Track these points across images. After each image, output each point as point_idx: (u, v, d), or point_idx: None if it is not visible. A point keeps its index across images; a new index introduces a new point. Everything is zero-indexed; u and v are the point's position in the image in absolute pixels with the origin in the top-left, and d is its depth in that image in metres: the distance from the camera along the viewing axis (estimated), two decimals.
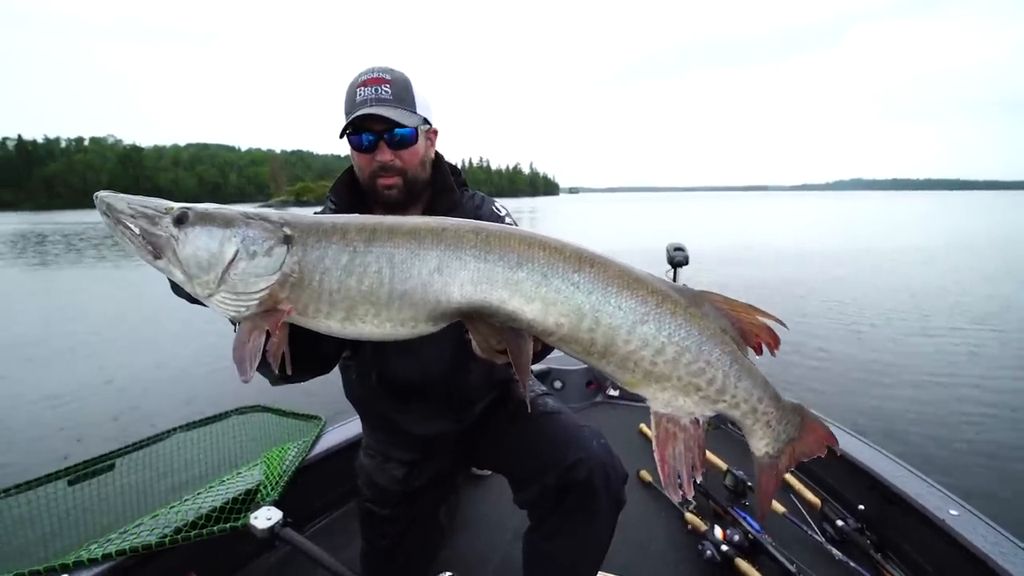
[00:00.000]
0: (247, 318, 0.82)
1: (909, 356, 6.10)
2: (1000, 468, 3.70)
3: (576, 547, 1.28)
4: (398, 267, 0.81)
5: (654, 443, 0.88)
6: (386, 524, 1.54)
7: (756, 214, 51.57)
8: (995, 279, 11.22)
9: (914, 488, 1.81)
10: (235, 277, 0.81)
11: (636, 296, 0.81)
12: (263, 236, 0.82)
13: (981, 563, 1.48)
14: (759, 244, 19.40)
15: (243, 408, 2.29)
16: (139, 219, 0.81)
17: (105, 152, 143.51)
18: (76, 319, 8.97)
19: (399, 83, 1.24)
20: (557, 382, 3.14)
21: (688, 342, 0.82)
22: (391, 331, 0.84)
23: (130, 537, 1.48)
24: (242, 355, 0.79)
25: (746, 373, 0.85)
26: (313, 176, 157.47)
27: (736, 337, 0.85)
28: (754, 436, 0.91)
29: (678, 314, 0.82)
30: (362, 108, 1.20)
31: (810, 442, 0.94)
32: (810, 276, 11.53)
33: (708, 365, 0.82)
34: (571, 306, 0.80)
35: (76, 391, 5.51)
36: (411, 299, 0.81)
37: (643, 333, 0.81)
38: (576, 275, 0.80)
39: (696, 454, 0.87)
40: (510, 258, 0.81)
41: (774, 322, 0.86)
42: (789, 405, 0.91)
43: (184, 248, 0.81)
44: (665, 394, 0.85)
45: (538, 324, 0.81)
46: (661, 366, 0.82)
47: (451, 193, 1.36)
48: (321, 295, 0.82)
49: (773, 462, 0.93)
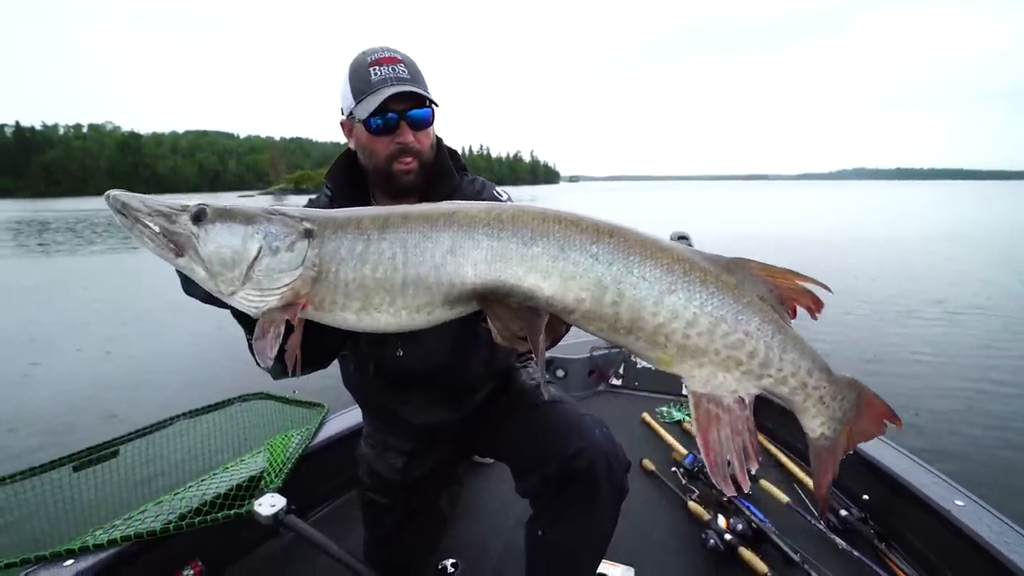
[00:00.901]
0: (265, 312, 0.82)
1: (913, 345, 6.09)
2: (1007, 458, 3.71)
3: (578, 536, 1.27)
4: (411, 251, 0.79)
5: (695, 428, 0.80)
6: (387, 513, 1.54)
7: (759, 203, 51.38)
8: (999, 269, 11.19)
9: (919, 478, 1.81)
10: (259, 273, 0.80)
11: (661, 265, 0.76)
12: (285, 231, 0.81)
13: (986, 553, 1.47)
14: (763, 233, 19.32)
15: (246, 395, 2.29)
16: (156, 217, 0.80)
17: (104, 139, 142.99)
18: (78, 307, 8.97)
19: (411, 64, 1.22)
20: (560, 371, 3.14)
21: (723, 312, 0.76)
22: (407, 320, 0.82)
23: (134, 523, 1.48)
24: (263, 346, 0.79)
25: (791, 344, 0.78)
26: (312, 164, 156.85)
27: (777, 306, 0.79)
28: (807, 415, 0.83)
29: (709, 282, 0.76)
30: (383, 87, 1.16)
31: (869, 421, 0.85)
32: (814, 265, 11.49)
33: (748, 336, 0.76)
34: (591, 279, 0.76)
35: (79, 379, 5.53)
36: (425, 283, 0.79)
37: (672, 304, 0.75)
38: (595, 246, 0.76)
39: (747, 438, 0.79)
40: (524, 234, 0.78)
41: (816, 286, 0.80)
42: (843, 380, 0.83)
43: (206, 245, 0.80)
44: (703, 371, 0.78)
45: (558, 301, 0.78)
46: (695, 339, 0.76)
47: (451, 178, 1.33)
48: (337, 286, 0.82)
49: (831, 444, 0.85)
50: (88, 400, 4.95)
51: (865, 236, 18.14)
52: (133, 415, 4.44)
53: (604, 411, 2.89)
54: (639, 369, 3.15)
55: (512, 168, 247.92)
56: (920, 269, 11.27)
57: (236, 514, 1.49)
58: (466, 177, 1.40)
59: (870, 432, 0.86)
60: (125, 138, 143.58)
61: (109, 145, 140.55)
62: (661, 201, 57.94)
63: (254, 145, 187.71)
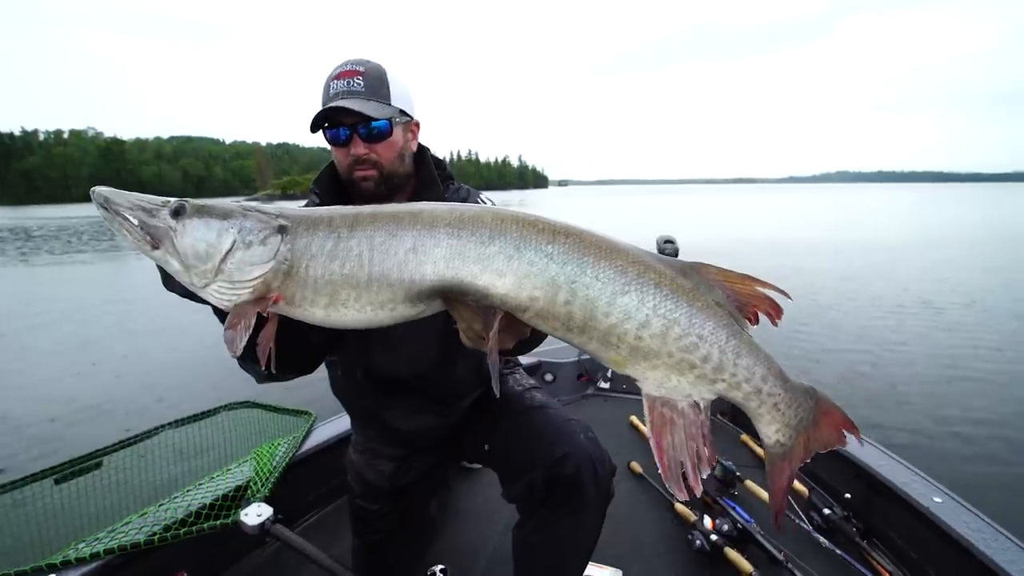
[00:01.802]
0: (237, 304, 0.83)
1: (893, 345, 6.19)
2: (985, 455, 3.78)
3: (565, 540, 1.28)
4: (377, 249, 0.81)
5: (648, 430, 0.80)
6: (376, 520, 1.54)
7: (745, 207, 51.95)
8: (979, 269, 11.42)
9: (899, 477, 1.84)
10: (231, 266, 0.82)
11: (615, 266, 0.77)
12: (259, 226, 0.84)
13: (963, 549, 1.51)
14: (748, 236, 19.55)
15: (232, 404, 2.27)
16: (136, 211, 0.83)
17: (85, 145, 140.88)
18: (61, 316, 8.82)
19: (372, 75, 1.23)
20: (548, 375, 3.15)
21: (676, 314, 0.76)
22: (372, 315, 0.84)
23: (118, 535, 1.46)
24: (232, 335, 0.80)
25: (746, 349, 0.78)
26: (300, 169, 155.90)
27: (734, 311, 0.79)
28: (762, 421, 0.83)
29: (663, 285, 0.77)
30: (334, 100, 1.19)
31: (827, 430, 0.85)
32: (796, 266, 11.65)
33: (701, 340, 0.77)
34: (545, 278, 0.77)
35: (61, 388, 5.43)
36: (388, 280, 0.81)
37: (624, 305, 0.76)
38: (550, 246, 0.77)
39: (700, 443, 0.79)
40: (482, 233, 0.79)
41: (775, 292, 0.80)
42: (799, 387, 0.83)
43: (182, 238, 0.82)
44: (656, 373, 0.79)
45: (511, 299, 0.78)
46: (648, 341, 0.77)
47: (435, 187, 1.34)
48: (307, 282, 0.83)
49: (786, 452, 0.85)
50: (69, 411, 4.86)
51: (848, 238, 18.42)
52: (116, 425, 4.38)
53: (592, 414, 2.91)
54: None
55: (501, 173, 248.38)
56: (902, 270, 11.47)
57: (222, 524, 1.49)
58: (452, 185, 1.41)
59: (828, 441, 0.85)
60: (107, 144, 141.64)
61: (91, 151, 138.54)
62: (649, 205, 58.36)
63: (240, 151, 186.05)
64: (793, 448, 0.84)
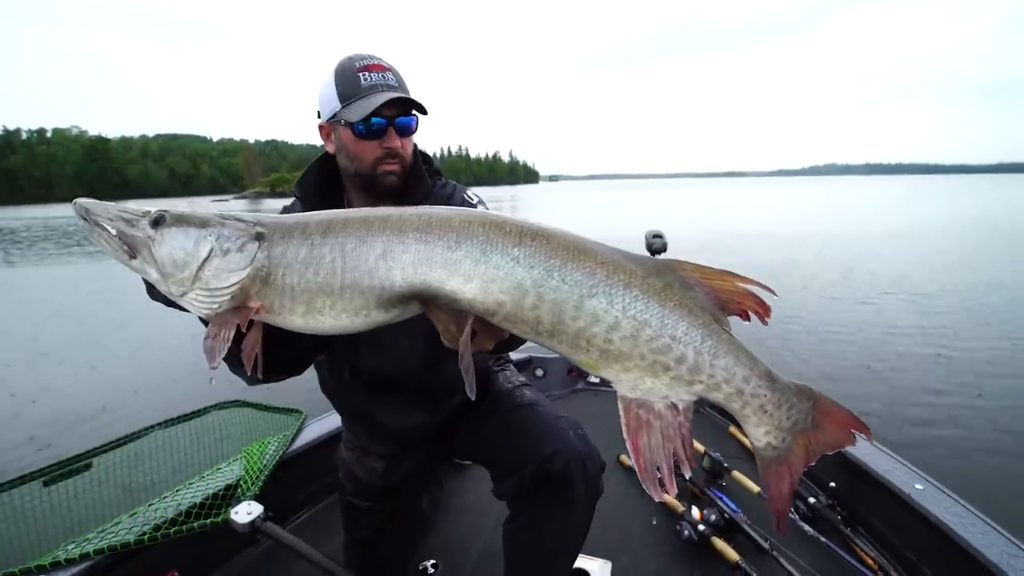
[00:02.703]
0: (218, 314, 0.84)
1: (879, 337, 6.28)
2: (965, 443, 3.86)
3: (554, 536, 1.30)
4: (348, 256, 0.81)
5: (624, 432, 0.78)
6: (367, 516, 1.55)
7: (735, 200, 52.24)
8: (964, 260, 11.59)
9: (882, 464, 1.88)
10: (208, 273, 0.82)
11: (583, 268, 0.75)
12: (236, 234, 0.84)
13: (943, 534, 1.55)
14: (738, 230, 19.66)
15: (223, 403, 2.27)
16: (116, 221, 0.83)
17: (69, 144, 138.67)
18: (48, 318, 8.72)
19: (397, 72, 1.25)
20: (539, 370, 3.17)
21: (647, 316, 0.74)
22: (347, 322, 0.84)
23: (108, 536, 1.46)
24: (211, 345, 0.80)
25: (725, 349, 0.75)
26: (289, 166, 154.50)
27: (713, 310, 0.77)
28: (748, 423, 0.79)
29: (633, 286, 0.75)
30: (375, 92, 1.18)
31: (831, 431, 0.80)
32: (785, 259, 11.75)
33: (674, 341, 0.74)
34: (512, 282, 0.75)
35: (49, 390, 5.38)
36: (360, 287, 0.81)
37: (592, 308, 0.74)
38: (516, 249, 0.76)
39: (678, 444, 0.77)
40: (449, 238, 0.78)
41: (759, 288, 0.77)
42: (790, 387, 0.79)
43: (160, 247, 0.82)
44: (630, 375, 0.77)
45: (479, 304, 0.77)
46: (618, 343, 0.75)
47: (423, 181, 1.35)
48: (284, 290, 0.84)
49: (780, 456, 0.80)
50: (58, 413, 4.82)
51: (838, 231, 18.58)
52: (106, 426, 4.35)
53: (583, 409, 2.93)
54: None
55: (491, 168, 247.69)
56: (888, 262, 11.60)
57: (212, 523, 1.49)
58: (438, 181, 1.42)
59: (834, 443, 0.81)
60: (92, 142, 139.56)
61: (75, 150, 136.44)
62: (639, 199, 58.49)
63: (228, 148, 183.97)
64: (790, 451, 0.80)
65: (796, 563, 1.64)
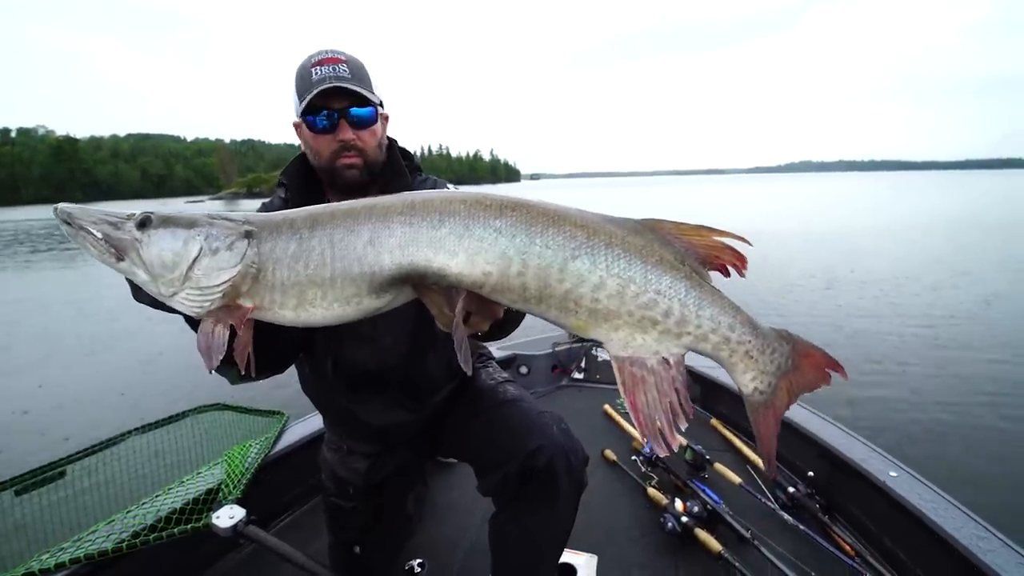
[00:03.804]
0: (210, 313, 0.83)
1: (855, 330, 6.44)
2: (937, 431, 3.99)
3: (539, 530, 1.31)
4: (337, 246, 0.82)
5: (622, 391, 0.80)
6: (351, 517, 1.54)
7: (715, 197, 52.95)
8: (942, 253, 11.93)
9: (858, 453, 1.93)
10: (199, 273, 0.82)
11: (564, 232, 0.77)
12: (225, 232, 0.84)
13: (916, 519, 1.60)
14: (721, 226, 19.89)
15: (202, 407, 2.23)
16: (101, 225, 0.82)
17: (35, 144, 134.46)
18: (18, 321, 8.46)
19: (355, 64, 1.23)
20: (523, 367, 3.18)
21: (631, 272, 0.76)
22: (340, 311, 0.85)
23: (85, 544, 1.43)
24: (208, 347, 0.80)
25: (708, 300, 0.78)
26: (266, 166, 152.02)
27: (695, 264, 0.79)
28: (736, 371, 0.82)
29: (615, 245, 0.77)
30: (322, 85, 1.17)
31: (808, 372, 0.83)
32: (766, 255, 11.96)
33: (659, 295, 0.76)
34: (496, 252, 0.77)
35: (19, 395, 5.22)
36: (350, 275, 0.82)
37: (576, 269, 0.76)
38: (498, 220, 0.78)
39: (674, 398, 0.78)
40: (432, 217, 0.80)
41: (734, 240, 0.79)
42: (771, 332, 0.82)
43: (148, 249, 0.82)
44: (620, 333, 0.79)
45: (466, 277, 0.79)
46: (605, 302, 0.77)
47: (403, 179, 1.34)
48: (275, 285, 0.84)
49: (766, 400, 0.83)
50: (29, 419, 4.68)
51: (816, 228, 18.96)
52: (81, 433, 4.24)
53: (567, 405, 2.95)
54: (600, 362, 3.23)
55: (472, 167, 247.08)
56: (865, 256, 11.88)
57: (193, 528, 1.46)
58: (419, 176, 1.41)
59: (812, 382, 0.84)
60: (59, 142, 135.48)
61: (42, 150, 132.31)
62: (621, 197, 58.93)
63: (202, 148, 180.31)
64: (775, 394, 0.83)
65: (776, 551, 1.68)
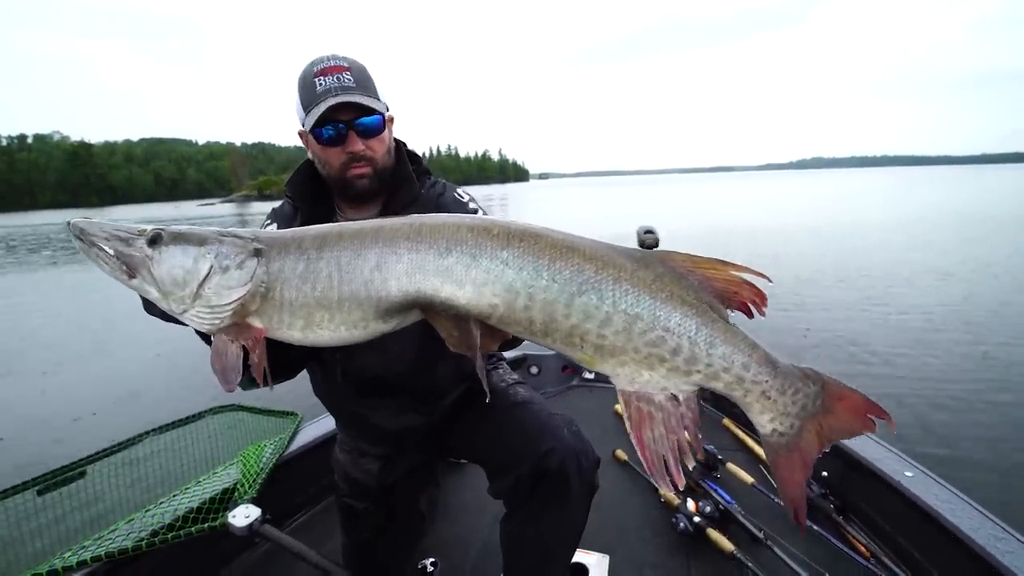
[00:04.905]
0: (221, 330, 0.84)
1: (869, 325, 6.36)
2: (952, 431, 3.92)
3: (551, 532, 1.31)
4: (344, 269, 0.82)
5: (628, 427, 0.78)
6: (365, 518, 1.55)
7: (726, 194, 52.51)
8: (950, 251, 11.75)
9: (873, 453, 1.91)
10: (209, 291, 0.83)
11: (571, 265, 0.75)
12: (235, 251, 0.85)
13: (933, 520, 1.58)
14: (732, 224, 19.78)
15: (218, 408, 2.26)
16: (112, 241, 0.83)
17: (51, 150, 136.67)
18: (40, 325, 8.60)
19: (359, 70, 1.21)
20: (533, 368, 3.19)
21: (638, 309, 0.74)
22: (346, 334, 0.85)
23: (105, 543, 1.46)
24: (223, 367, 0.81)
25: (722, 338, 0.75)
26: (276, 169, 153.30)
27: (710, 300, 0.76)
28: (752, 411, 0.78)
29: (623, 280, 0.74)
30: (327, 97, 1.16)
31: (844, 416, 0.78)
32: (776, 252, 11.86)
33: (668, 332, 0.74)
34: (502, 285, 0.76)
35: (41, 398, 5.31)
36: (357, 299, 0.82)
37: (583, 305, 0.74)
38: (504, 252, 0.76)
39: (682, 436, 0.76)
40: (439, 245, 0.79)
41: (752, 275, 0.76)
42: (794, 371, 0.77)
43: (159, 266, 0.83)
44: (626, 369, 0.77)
45: (473, 308, 0.78)
46: (611, 338, 0.75)
47: (411, 184, 1.34)
48: (283, 305, 0.85)
49: (789, 442, 0.79)
50: (50, 421, 4.76)
51: (825, 224, 18.75)
52: (100, 434, 4.30)
53: (578, 405, 2.95)
54: None
55: (481, 167, 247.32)
56: (876, 253, 11.73)
57: (210, 527, 1.49)
58: (428, 180, 1.41)
59: (849, 428, 0.79)
60: (74, 148, 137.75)
61: (57, 156, 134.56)
62: (629, 196, 58.59)
63: (214, 151, 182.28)
64: (800, 437, 0.78)
65: (790, 551, 1.67)
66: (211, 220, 37.33)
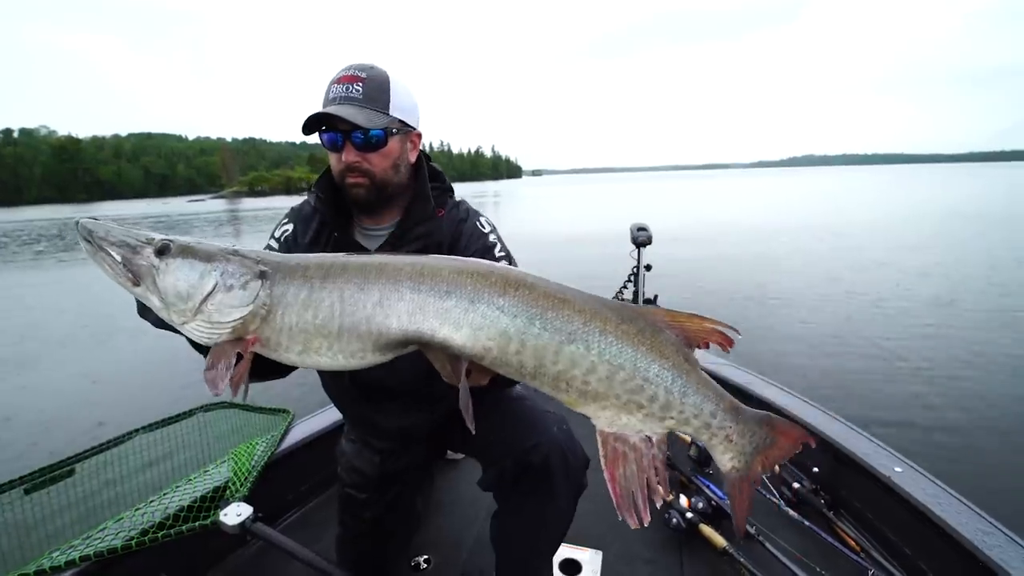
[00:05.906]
0: (217, 344, 0.86)
1: (857, 323, 6.42)
2: (942, 426, 3.98)
3: (535, 527, 1.33)
4: (347, 302, 0.85)
5: (602, 463, 0.85)
6: (364, 508, 1.56)
7: (718, 192, 52.81)
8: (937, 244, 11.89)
9: (862, 448, 1.93)
10: (211, 307, 0.85)
11: (562, 316, 0.81)
12: (241, 271, 0.87)
13: (921, 515, 1.60)
14: (721, 221, 19.89)
15: (208, 405, 2.24)
16: (120, 247, 0.85)
17: (38, 145, 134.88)
18: (25, 321, 8.49)
19: (374, 82, 1.20)
20: None
21: (621, 360, 0.80)
22: (343, 362, 0.88)
23: (94, 542, 1.44)
24: (213, 376, 0.83)
25: (694, 388, 0.83)
26: (267, 165, 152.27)
27: (684, 349, 0.83)
28: (715, 451, 0.88)
29: (608, 332, 0.81)
30: (328, 105, 1.18)
31: (784, 446, 0.90)
32: (767, 250, 11.95)
33: (647, 382, 0.81)
34: (497, 330, 0.82)
35: (26, 395, 5.25)
36: (357, 332, 0.85)
37: (571, 353, 0.81)
38: (501, 299, 0.82)
39: (651, 475, 0.84)
40: (440, 288, 0.84)
41: (725, 328, 0.84)
42: (753, 417, 0.87)
43: (165, 278, 0.85)
44: (607, 413, 0.84)
45: (468, 350, 0.83)
46: (595, 385, 0.81)
47: (426, 203, 1.32)
48: (283, 329, 0.87)
49: (743, 474, 0.89)
50: (37, 419, 4.71)
51: (817, 222, 18.91)
52: (88, 431, 4.26)
53: None
54: None
55: (474, 164, 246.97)
56: (866, 252, 11.84)
57: (201, 525, 1.47)
58: (451, 200, 1.39)
59: (786, 455, 0.91)
60: (62, 143, 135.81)
61: (44, 151, 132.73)
62: (622, 193, 58.74)
63: (204, 147, 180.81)
64: (751, 469, 0.89)
65: (781, 547, 1.68)
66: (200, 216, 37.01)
